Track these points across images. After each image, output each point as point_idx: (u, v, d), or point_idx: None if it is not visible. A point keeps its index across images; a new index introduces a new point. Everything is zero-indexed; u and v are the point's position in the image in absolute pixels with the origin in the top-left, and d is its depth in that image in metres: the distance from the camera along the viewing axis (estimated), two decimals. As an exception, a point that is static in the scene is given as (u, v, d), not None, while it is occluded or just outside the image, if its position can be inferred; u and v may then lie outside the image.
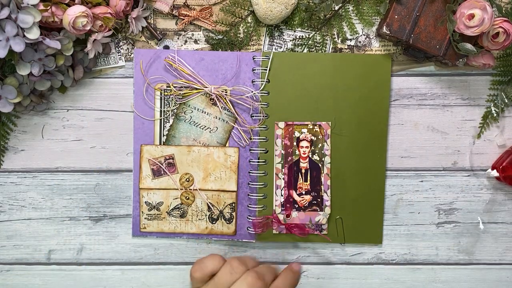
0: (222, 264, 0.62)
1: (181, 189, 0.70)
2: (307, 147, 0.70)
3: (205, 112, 0.69)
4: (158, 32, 0.69)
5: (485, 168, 0.72)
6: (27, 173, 0.71)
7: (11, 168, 0.71)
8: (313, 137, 0.70)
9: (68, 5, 0.61)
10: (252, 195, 0.70)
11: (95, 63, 0.69)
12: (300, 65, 0.69)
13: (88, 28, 0.61)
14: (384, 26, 0.65)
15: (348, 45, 0.70)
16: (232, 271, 0.61)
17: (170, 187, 0.70)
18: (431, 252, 0.73)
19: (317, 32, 0.69)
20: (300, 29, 0.69)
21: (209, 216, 0.71)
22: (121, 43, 0.69)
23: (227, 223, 0.71)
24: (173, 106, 0.69)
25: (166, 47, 0.69)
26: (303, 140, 0.70)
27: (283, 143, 0.70)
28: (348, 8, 0.69)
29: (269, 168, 0.70)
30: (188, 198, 0.70)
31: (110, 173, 0.71)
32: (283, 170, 0.70)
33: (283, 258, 0.73)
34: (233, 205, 0.70)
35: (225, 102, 0.69)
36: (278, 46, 0.70)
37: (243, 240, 0.71)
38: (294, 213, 0.70)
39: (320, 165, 0.70)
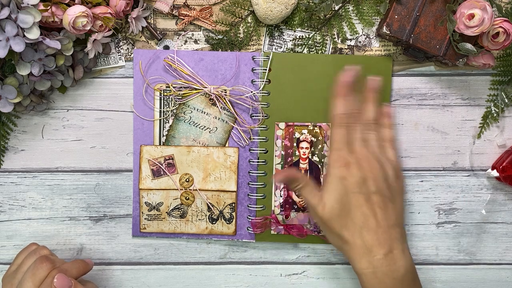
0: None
1: (181, 190, 0.70)
2: (307, 148, 0.70)
3: (204, 112, 0.69)
4: (158, 32, 0.69)
5: (485, 168, 0.72)
6: (27, 173, 0.71)
7: (11, 168, 0.71)
8: (313, 138, 0.70)
9: (68, 5, 0.61)
10: (252, 195, 0.70)
11: (95, 63, 0.69)
12: (301, 66, 0.69)
13: (88, 28, 0.61)
14: (384, 26, 0.65)
15: (348, 45, 0.70)
16: (27, 255, 0.65)
17: (170, 187, 0.70)
18: (431, 252, 0.73)
19: (317, 32, 0.69)
20: (300, 29, 0.69)
21: (209, 216, 0.71)
22: (121, 43, 0.69)
23: (227, 223, 0.71)
24: (173, 107, 0.69)
25: (166, 47, 0.69)
26: (303, 141, 0.69)
27: (283, 143, 0.70)
28: (348, 8, 0.69)
29: (268, 168, 0.70)
30: (188, 199, 0.70)
31: (110, 173, 0.72)
32: (283, 170, 0.70)
33: (283, 258, 0.73)
34: (233, 205, 0.70)
35: (224, 102, 0.69)
36: (278, 46, 0.70)
37: (243, 240, 0.71)
38: (293, 214, 0.70)
39: (320, 166, 0.70)
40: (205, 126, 0.70)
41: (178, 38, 0.69)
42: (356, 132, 0.64)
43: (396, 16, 0.64)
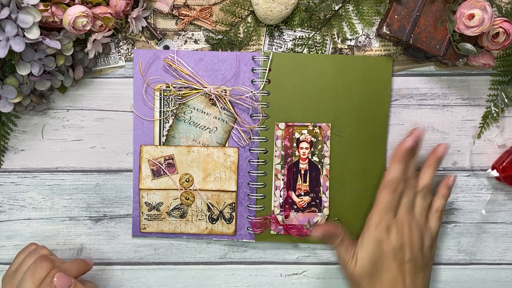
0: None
1: (181, 190, 0.70)
2: (306, 148, 0.70)
3: (204, 112, 0.69)
4: (158, 32, 0.69)
5: (485, 168, 0.72)
6: (27, 173, 0.71)
7: (11, 168, 0.71)
8: (313, 139, 0.70)
9: (68, 5, 0.61)
10: (252, 195, 0.70)
11: (95, 63, 0.69)
12: (301, 66, 0.69)
13: (88, 28, 0.61)
14: (384, 26, 0.65)
15: (348, 45, 0.70)
16: (26, 255, 0.65)
17: (170, 187, 0.70)
18: (431, 252, 0.73)
19: (317, 32, 0.69)
20: (300, 29, 0.69)
21: (209, 216, 0.71)
22: (121, 43, 0.69)
23: (227, 223, 0.71)
24: (173, 107, 0.69)
25: (166, 47, 0.69)
26: (303, 141, 0.69)
27: (283, 144, 0.70)
28: (348, 8, 0.69)
29: (268, 168, 0.70)
30: (188, 199, 0.70)
31: (110, 173, 0.72)
32: (282, 171, 0.70)
33: (283, 258, 0.73)
34: (233, 205, 0.70)
35: (224, 102, 0.69)
36: (278, 46, 0.70)
37: (243, 240, 0.71)
38: (293, 214, 0.70)
39: (319, 166, 0.70)
40: (205, 126, 0.70)
41: (178, 38, 0.69)
42: (405, 197, 0.65)
43: (396, 16, 0.64)
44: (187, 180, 0.70)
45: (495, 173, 0.69)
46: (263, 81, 0.69)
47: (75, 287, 0.60)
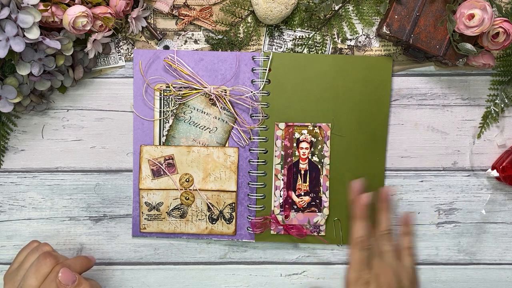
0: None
1: (181, 190, 0.70)
2: (306, 148, 0.70)
3: (204, 112, 0.69)
4: (158, 32, 0.69)
5: (485, 168, 0.72)
6: (27, 173, 0.71)
7: (11, 168, 0.71)
8: (313, 139, 0.70)
9: (68, 5, 0.61)
10: (252, 195, 0.70)
11: (95, 63, 0.69)
12: (301, 66, 0.69)
13: (88, 28, 0.61)
14: (384, 26, 0.65)
15: (348, 45, 0.70)
16: (29, 252, 0.64)
17: (170, 187, 0.70)
18: (431, 252, 0.73)
19: (317, 32, 0.69)
20: (300, 29, 0.69)
21: (209, 216, 0.71)
22: (121, 43, 0.69)
23: (227, 223, 0.71)
24: (173, 107, 0.69)
25: (166, 47, 0.69)
26: (303, 141, 0.69)
27: (283, 144, 0.70)
28: (348, 8, 0.69)
29: (268, 168, 0.70)
30: (188, 199, 0.70)
31: (110, 173, 0.72)
32: (282, 171, 0.70)
33: (283, 258, 0.73)
34: (233, 205, 0.70)
35: (224, 102, 0.69)
36: (278, 46, 0.70)
37: (243, 240, 0.71)
38: (293, 214, 0.70)
39: (319, 167, 0.70)
40: (205, 126, 0.70)
41: (178, 38, 0.69)
42: (373, 249, 0.66)
43: (396, 16, 0.64)
44: (187, 180, 0.70)
45: (495, 173, 0.69)
46: (263, 81, 0.69)
47: (79, 283, 0.60)
